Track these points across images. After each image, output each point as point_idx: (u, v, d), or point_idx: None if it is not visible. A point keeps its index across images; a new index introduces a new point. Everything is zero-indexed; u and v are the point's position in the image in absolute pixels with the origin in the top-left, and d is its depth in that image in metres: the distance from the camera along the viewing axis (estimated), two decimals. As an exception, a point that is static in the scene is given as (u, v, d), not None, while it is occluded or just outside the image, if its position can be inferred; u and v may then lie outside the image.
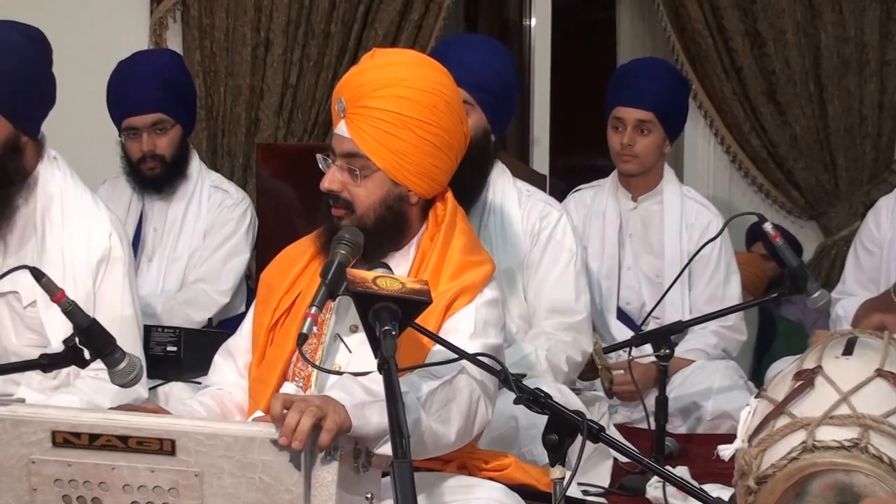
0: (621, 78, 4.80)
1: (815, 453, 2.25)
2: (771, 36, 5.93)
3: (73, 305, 2.70)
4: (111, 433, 2.36)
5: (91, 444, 2.37)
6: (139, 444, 2.36)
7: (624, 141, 4.64)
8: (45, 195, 3.33)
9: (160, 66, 4.51)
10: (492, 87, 3.86)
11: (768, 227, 3.94)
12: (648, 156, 4.67)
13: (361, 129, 2.78)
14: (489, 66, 3.88)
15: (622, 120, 4.66)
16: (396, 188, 2.83)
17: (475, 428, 2.75)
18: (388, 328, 2.35)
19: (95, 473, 2.38)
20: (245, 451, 2.34)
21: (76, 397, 3.18)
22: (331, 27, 5.63)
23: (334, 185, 2.82)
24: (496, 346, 2.82)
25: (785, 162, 6.05)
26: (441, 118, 2.82)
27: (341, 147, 2.82)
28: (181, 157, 4.50)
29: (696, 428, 4.40)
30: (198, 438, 2.34)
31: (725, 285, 4.66)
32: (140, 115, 4.42)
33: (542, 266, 3.96)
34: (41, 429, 2.39)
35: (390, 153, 2.79)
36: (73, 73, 5.34)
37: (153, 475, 2.36)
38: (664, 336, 3.85)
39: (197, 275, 4.49)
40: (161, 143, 4.44)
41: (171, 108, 4.45)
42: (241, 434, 2.36)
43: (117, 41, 5.37)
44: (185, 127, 4.52)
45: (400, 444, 2.18)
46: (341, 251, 2.70)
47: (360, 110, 2.79)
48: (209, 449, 2.34)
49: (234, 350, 3.00)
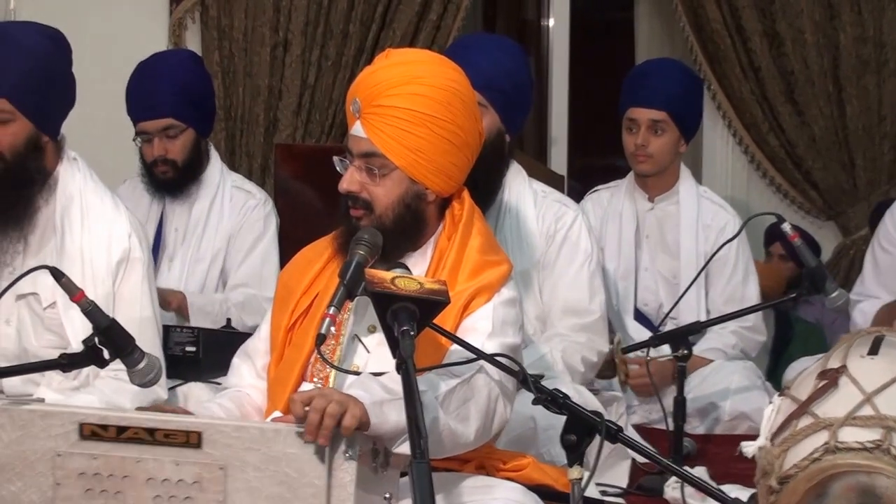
0: (634, 79, 4.78)
1: (837, 454, 2.24)
2: (789, 36, 5.92)
3: (93, 305, 2.70)
4: (138, 426, 2.39)
5: (118, 436, 2.40)
6: (166, 437, 2.38)
7: (638, 141, 4.64)
8: (64, 196, 3.34)
9: (173, 69, 4.47)
10: (504, 86, 3.84)
11: (787, 227, 3.93)
12: (663, 156, 4.66)
13: (378, 128, 2.78)
14: (500, 65, 3.86)
15: (636, 121, 4.65)
16: (414, 186, 2.82)
17: (494, 427, 2.75)
18: (407, 328, 2.35)
19: (120, 467, 2.40)
20: (271, 444, 2.36)
21: (95, 397, 3.18)
22: (349, 27, 5.64)
23: (353, 186, 2.82)
24: (514, 345, 2.82)
25: (803, 162, 6.04)
26: (456, 115, 2.82)
27: (358, 147, 2.82)
28: (194, 162, 4.47)
29: (714, 428, 4.39)
30: (224, 431, 2.37)
31: (744, 286, 4.65)
32: (150, 119, 4.40)
33: (556, 266, 3.95)
34: (69, 421, 2.42)
35: (407, 151, 2.79)
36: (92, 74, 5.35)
37: (178, 468, 2.38)
38: (682, 337, 3.84)
39: (238, 279, 4.47)
40: (173, 148, 4.41)
41: (181, 113, 4.41)
42: (268, 427, 2.40)
43: (136, 42, 5.38)
44: (198, 130, 4.49)
45: (418, 444, 2.18)
46: (360, 251, 2.70)
47: (376, 109, 2.79)
48: (235, 441, 2.36)
49: (252, 352, 3.00)
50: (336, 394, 2.40)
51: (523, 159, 4.26)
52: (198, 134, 4.49)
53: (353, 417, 2.35)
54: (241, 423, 2.40)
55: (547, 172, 5.33)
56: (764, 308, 4.57)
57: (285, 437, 2.36)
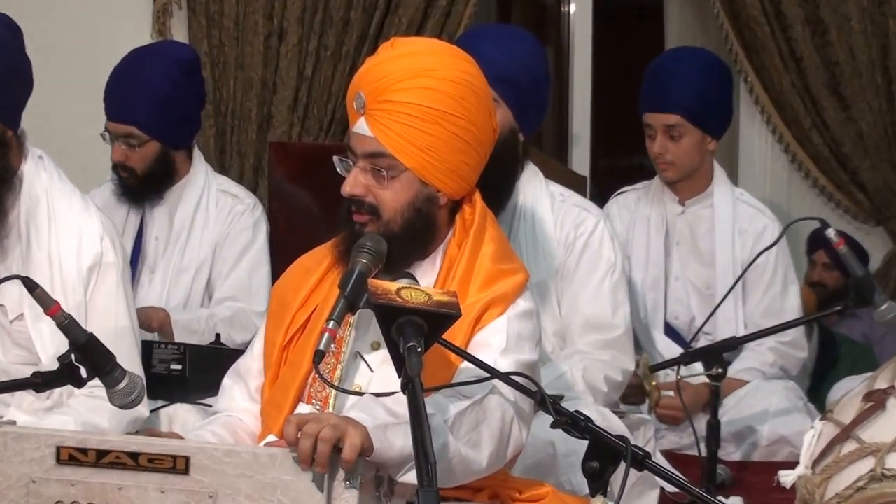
0: (647, 79, 4.77)
1: (885, 483, 2.24)
2: (834, 23, 5.91)
3: (69, 319, 2.71)
4: (121, 449, 2.40)
5: (98, 461, 2.41)
6: (150, 462, 2.39)
7: (655, 150, 4.65)
8: (29, 198, 3.33)
9: (154, 75, 4.39)
10: (518, 79, 3.84)
11: (831, 233, 3.94)
12: (685, 160, 4.66)
13: (385, 125, 2.78)
14: (514, 56, 3.87)
15: (651, 126, 4.67)
16: (425, 188, 2.83)
17: (509, 452, 2.75)
18: (413, 344, 2.35)
19: (101, 494, 2.41)
20: (264, 470, 2.36)
21: (71, 418, 3.18)
22: (350, 14, 5.65)
23: (357, 189, 2.82)
24: (531, 362, 2.82)
25: (849, 162, 6.04)
26: (470, 111, 2.82)
27: (363, 147, 2.81)
28: (157, 174, 4.44)
29: (752, 455, 4.40)
30: (214, 456, 2.37)
31: (783, 297, 4.65)
32: (114, 122, 4.39)
33: (576, 277, 3.95)
34: (45, 444, 2.42)
35: (418, 150, 2.79)
36: (70, 66, 5.39)
37: (163, 496, 2.39)
38: (716, 353, 3.84)
39: (225, 292, 4.48)
40: (132, 156, 4.40)
41: (147, 124, 4.37)
42: (261, 452, 2.40)
43: (117, 30, 5.40)
44: (167, 144, 4.43)
45: (426, 471, 2.18)
46: (362, 260, 2.70)
47: (383, 105, 2.78)
48: (226, 467, 2.36)
49: (244, 372, 3.01)
50: (333, 418, 2.41)
51: (541, 159, 4.27)
52: (165, 147, 4.44)
53: (352, 447, 2.35)
54: (232, 447, 2.41)
55: (567, 173, 5.34)
56: (805, 322, 4.57)
57: (280, 462, 2.36)
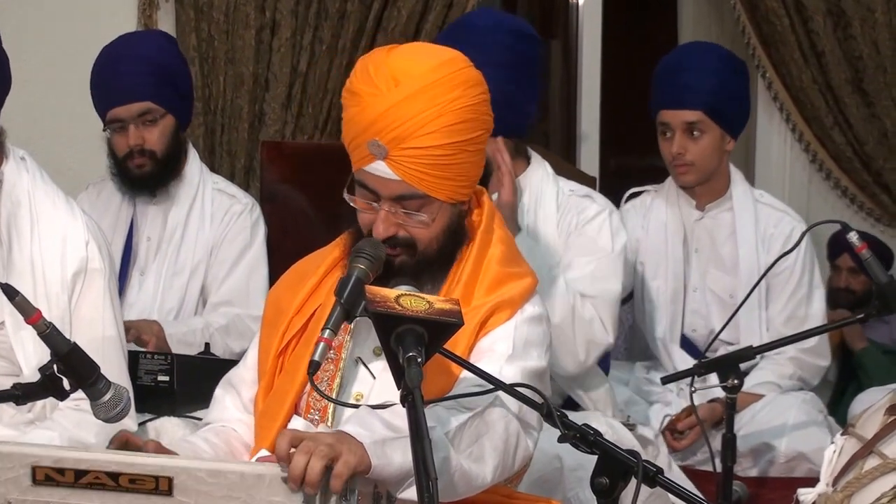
0: (661, 75, 4.75)
1: (908, 499, 2.26)
2: (857, 15, 5.92)
3: (51, 328, 2.71)
4: (100, 469, 2.39)
5: (77, 481, 2.39)
6: (131, 483, 2.38)
7: (674, 150, 4.63)
8: (10, 201, 3.34)
9: (148, 48, 4.48)
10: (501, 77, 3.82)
11: (853, 237, 3.94)
12: (706, 161, 4.65)
13: (413, 168, 2.79)
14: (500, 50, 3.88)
15: (668, 125, 4.64)
16: (455, 208, 2.88)
17: (516, 463, 2.76)
18: (413, 354, 2.36)
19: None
20: (252, 490, 2.36)
21: (55, 433, 3.19)
22: (346, 6, 5.64)
23: (392, 231, 2.83)
24: (538, 369, 2.84)
25: (873, 161, 6.04)
26: (486, 120, 2.87)
27: (389, 190, 2.82)
28: (174, 154, 4.48)
29: (769, 471, 4.40)
30: (198, 476, 2.36)
31: (808, 303, 4.65)
32: (125, 104, 4.40)
33: (566, 258, 3.98)
34: (20, 463, 2.41)
35: (448, 181, 2.82)
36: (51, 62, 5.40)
37: None
38: (732, 364, 3.84)
39: (221, 296, 4.49)
40: (150, 137, 4.41)
41: (160, 96, 4.42)
42: (249, 471, 2.39)
43: (101, 23, 5.39)
44: (178, 118, 4.50)
45: (427, 487, 2.19)
46: (360, 265, 2.70)
47: (409, 152, 2.78)
48: (211, 488, 2.36)
49: (237, 382, 3.02)
50: (329, 436, 2.42)
51: (548, 158, 4.27)
52: (178, 123, 4.50)
53: (345, 465, 2.36)
54: (217, 467, 2.39)
55: (575, 173, 5.33)
56: (828, 330, 4.56)
57: (269, 482, 2.36)
